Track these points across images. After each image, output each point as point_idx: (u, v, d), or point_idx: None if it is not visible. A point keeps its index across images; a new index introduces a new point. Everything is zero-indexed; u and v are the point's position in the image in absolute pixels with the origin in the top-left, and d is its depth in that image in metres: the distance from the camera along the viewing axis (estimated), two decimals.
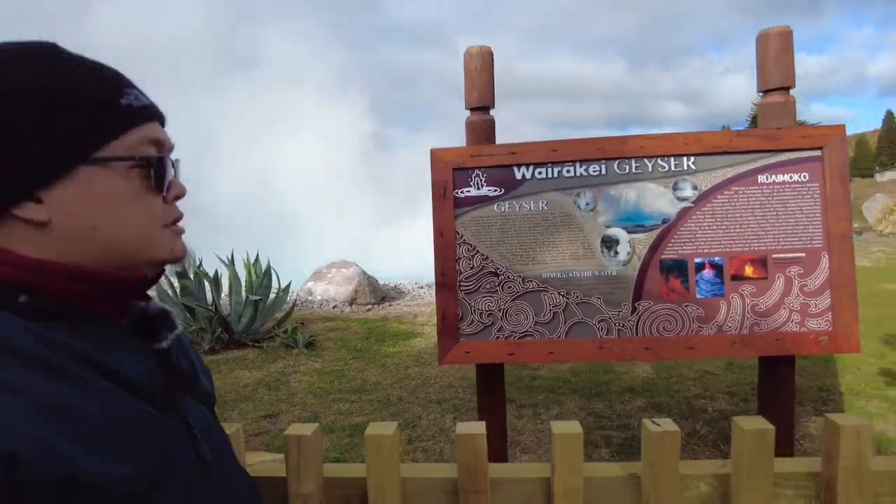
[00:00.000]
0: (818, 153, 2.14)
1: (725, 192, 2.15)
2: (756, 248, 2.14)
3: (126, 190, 0.65)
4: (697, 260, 2.15)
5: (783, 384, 2.27)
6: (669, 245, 2.15)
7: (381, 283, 8.94)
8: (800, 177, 2.15)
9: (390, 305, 8.05)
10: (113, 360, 0.63)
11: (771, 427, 1.14)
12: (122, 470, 0.56)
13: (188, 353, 0.82)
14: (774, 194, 2.15)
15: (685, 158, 2.17)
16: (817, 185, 2.14)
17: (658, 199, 2.17)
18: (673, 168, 2.17)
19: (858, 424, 1.15)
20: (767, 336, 2.12)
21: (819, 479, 1.20)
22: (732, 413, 3.44)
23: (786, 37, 2.23)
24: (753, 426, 1.15)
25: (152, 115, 0.69)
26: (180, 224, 0.72)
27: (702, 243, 2.15)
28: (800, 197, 2.14)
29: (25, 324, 0.58)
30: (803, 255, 2.13)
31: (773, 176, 2.15)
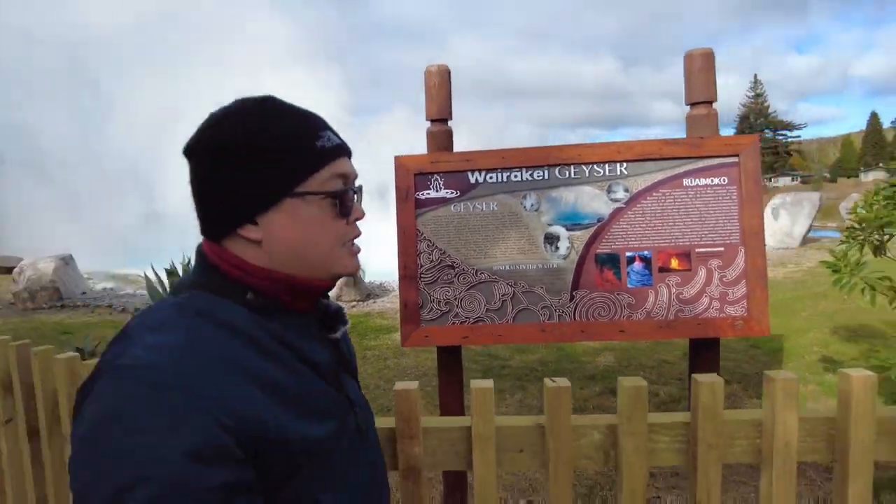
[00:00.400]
0: (735, 160, 2.43)
1: (654, 194, 2.44)
2: (681, 244, 2.42)
3: (317, 217, 0.80)
4: (628, 254, 2.43)
5: (709, 364, 2.55)
6: (604, 241, 2.44)
7: (366, 280, 9.19)
8: (720, 180, 2.44)
9: (374, 302, 8.31)
10: (306, 346, 0.81)
11: (644, 384, 1.42)
12: (316, 434, 0.75)
13: (347, 340, 1.02)
14: (697, 196, 2.43)
15: (618, 164, 2.45)
16: (735, 187, 2.43)
17: (594, 201, 2.45)
18: (607, 173, 2.45)
19: (713, 381, 1.44)
20: (690, 321, 2.41)
21: (688, 428, 1.48)
22: (682, 397, 3.74)
23: (708, 57, 2.52)
24: (631, 384, 1.43)
25: (341, 152, 0.84)
26: (358, 241, 0.89)
27: (632, 239, 2.43)
28: (719, 198, 2.43)
29: (252, 315, 0.76)
30: (722, 249, 2.42)
31: (697, 180, 2.44)
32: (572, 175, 2.47)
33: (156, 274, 6.47)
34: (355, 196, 0.86)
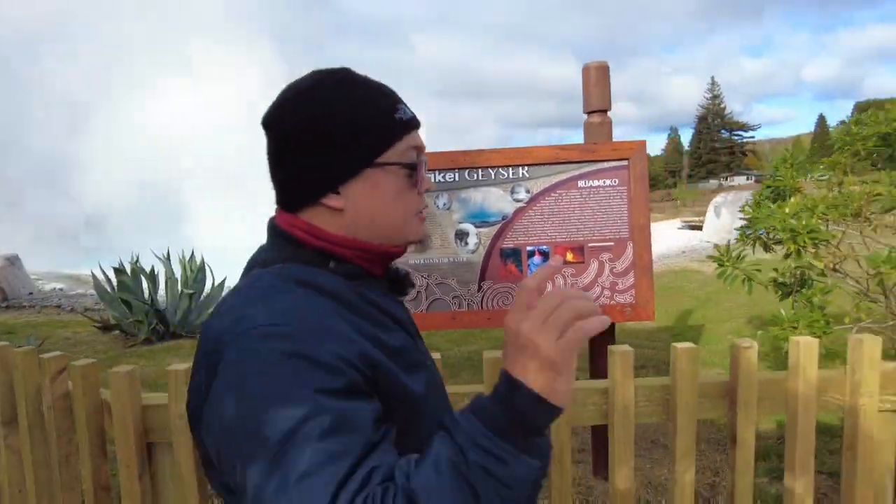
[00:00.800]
0: (625, 163, 2.71)
1: (552, 195, 2.70)
2: (575, 239, 2.69)
3: (395, 187, 0.83)
4: (529, 248, 2.68)
5: (602, 347, 2.82)
6: (507, 237, 2.68)
7: None
8: (611, 182, 2.71)
9: None
10: (390, 306, 0.86)
11: (497, 356, 1.66)
12: (415, 385, 0.79)
13: None
14: (591, 196, 2.70)
15: (520, 168, 2.70)
16: (624, 188, 2.70)
17: (499, 201, 2.70)
18: (511, 176, 2.70)
19: None
20: None
21: None
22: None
23: (603, 70, 2.79)
24: (492, 356, 1.67)
25: (414, 124, 0.86)
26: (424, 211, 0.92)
27: (533, 235, 2.69)
28: (611, 198, 2.70)
29: (341, 280, 0.80)
30: (613, 244, 2.69)
31: (591, 181, 2.71)
32: (480, 177, 2.71)
33: (104, 273, 6.50)
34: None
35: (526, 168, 2.70)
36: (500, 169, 2.70)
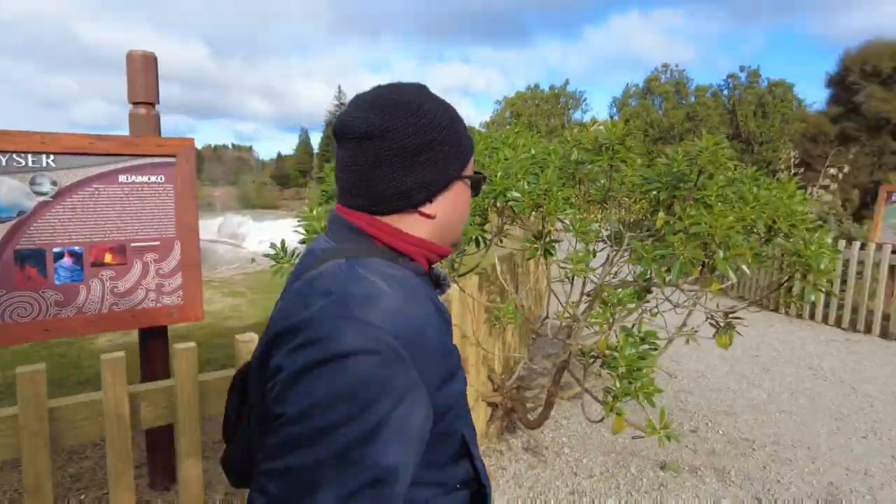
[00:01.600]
0: (173, 160, 2.62)
1: (87, 189, 2.44)
2: (115, 238, 2.49)
3: (467, 196, 0.94)
4: (56, 249, 2.37)
5: (158, 351, 2.70)
6: (25, 236, 2.31)
7: None
8: (157, 178, 2.59)
9: None
10: (441, 303, 0.92)
11: (40, 370, 1.41)
12: (460, 379, 0.87)
13: None
14: (134, 192, 2.54)
15: (44, 156, 2.36)
16: (172, 185, 2.62)
17: (14, 193, 2.30)
18: (31, 164, 2.34)
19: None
20: (124, 313, 2.50)
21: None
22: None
23: (149, 60, 2.64)
24: (27, 371, 1.43)
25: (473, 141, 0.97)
26: None
27: (61, 234, 2.38)
28: (157, 195, 2.59)
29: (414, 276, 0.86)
30: (159, 243, 2.59)
31: (133, 177, 2.54)
32: None
33: None
34: None
35: (51, 157, 2.37)
36: (15, 155, 2.31)
